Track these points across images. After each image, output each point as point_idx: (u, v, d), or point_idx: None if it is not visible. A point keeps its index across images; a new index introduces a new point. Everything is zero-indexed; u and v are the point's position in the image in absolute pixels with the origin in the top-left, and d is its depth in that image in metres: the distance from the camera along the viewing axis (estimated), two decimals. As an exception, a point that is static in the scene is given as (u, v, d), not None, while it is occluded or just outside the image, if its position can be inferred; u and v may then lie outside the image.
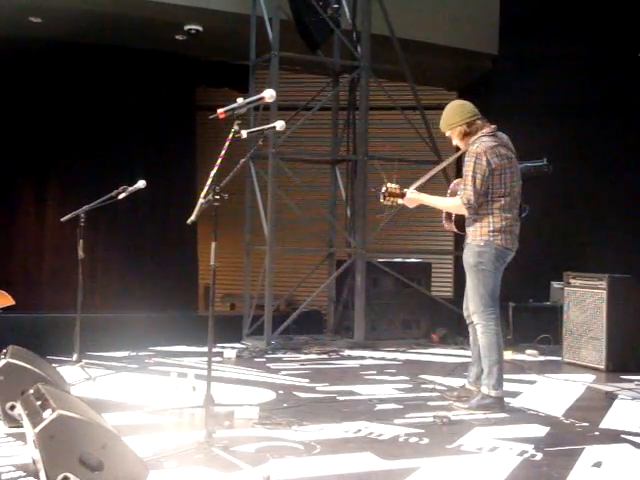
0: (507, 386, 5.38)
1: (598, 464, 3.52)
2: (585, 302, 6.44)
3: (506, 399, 4.89)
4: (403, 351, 7.29)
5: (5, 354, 3.87)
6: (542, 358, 6.96)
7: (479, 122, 4.59)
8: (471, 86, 9.79)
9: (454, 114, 4.65)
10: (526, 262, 8.79)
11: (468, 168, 4.47)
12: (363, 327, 7.54)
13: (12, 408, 3.70)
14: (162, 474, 3.17)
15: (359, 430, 4.03)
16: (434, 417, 4.25)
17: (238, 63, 8.98)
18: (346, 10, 8.07)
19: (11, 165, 8.94)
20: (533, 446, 3.78)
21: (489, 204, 4.50)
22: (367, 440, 3.84)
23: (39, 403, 2.95)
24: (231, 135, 3.61)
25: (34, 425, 2.78)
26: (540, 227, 8.75)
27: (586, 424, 4.32)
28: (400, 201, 4.62)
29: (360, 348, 7.28)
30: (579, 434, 4.13)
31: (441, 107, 4.78)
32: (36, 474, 2.92)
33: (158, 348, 6.94)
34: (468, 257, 4.58)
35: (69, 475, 2.68)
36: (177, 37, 8.62)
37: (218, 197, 3.51)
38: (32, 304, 8.44)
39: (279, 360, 6.59)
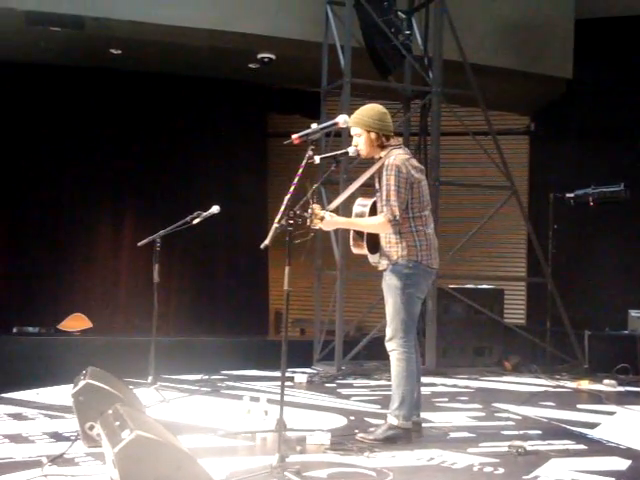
0: (585, 416, 5.24)
1: (684, 500, 3.38)
2: (666, 331, 6.22)
3: (584, 430, 4.75)
4: (475, 378, 7.17)
5: (85, 375, 3.98)
6: (621, 388, 6.73)
7: (392, 139, 4.40)
8: (544, 110, 9.65)
9: (378, 119, 4.39)
10: (602, 290, 8.61)
11: (390, 181, 4.20)
12: (434, 354, 7.45)
13: (91, 428, 3.79)
14: (235, 497, 3.19)
15: (432, 458, 3.97)
16: (509, 447, 4.15)
17: (309, 90, 9.10)
18: (417, 36, 8.11)
19: (90, 193, 9.21)
20: (614, 479, 3.66)
21: (410, 221, 4.27)
22: (440, 469, 3.78)
23: (117, 424, 3.01)
24: (305, 160, 3.66)
25: (113, 445, 2.83)
26: (617, 254, 8.51)
27: (670, 458, 4.15)
28: (318, 225, 4.04)
29: (431, 375, 7.19)
30: (663, 468, 3.96)
31: (513, 132, 4.70)
32: (114, 493, 2.98)
33: (230, 372, 7.02)
34: (392, 279, 4.27)
35: (146, 495, 2.73)
36: (250, 65, 8.81)
37: (292, 222, 3.55)
38: (109, 327, 8.69)
39: (350, 386, 6.57)
